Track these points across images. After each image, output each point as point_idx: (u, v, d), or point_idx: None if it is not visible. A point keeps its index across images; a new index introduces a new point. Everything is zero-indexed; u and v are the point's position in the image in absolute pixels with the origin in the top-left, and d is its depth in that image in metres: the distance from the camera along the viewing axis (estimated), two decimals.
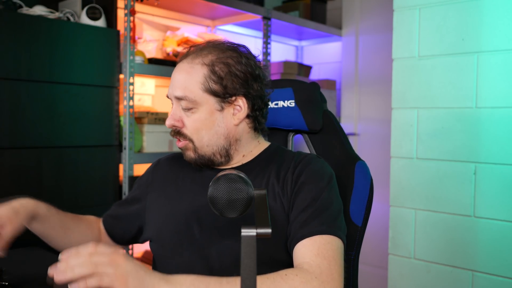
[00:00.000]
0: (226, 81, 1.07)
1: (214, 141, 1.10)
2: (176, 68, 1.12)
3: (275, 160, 1.13)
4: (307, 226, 0.98)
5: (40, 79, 1.87)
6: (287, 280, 0.87)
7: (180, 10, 2.76)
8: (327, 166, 1.11)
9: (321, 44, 3.65)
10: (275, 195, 1.07)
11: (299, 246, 0.97)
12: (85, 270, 0.77)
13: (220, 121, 1.09)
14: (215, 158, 1.11)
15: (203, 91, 1.07)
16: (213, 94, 1.07)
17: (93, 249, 0.81)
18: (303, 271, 0.90)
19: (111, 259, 0.80)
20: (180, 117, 1.10)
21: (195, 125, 1.09)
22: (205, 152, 1.10)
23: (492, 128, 1.72)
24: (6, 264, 1.14)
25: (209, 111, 1.08)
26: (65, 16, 2.04)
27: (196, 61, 1.09)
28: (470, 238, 1.77)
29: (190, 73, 1.08)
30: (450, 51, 1.82)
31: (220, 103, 1.08)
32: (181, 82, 1.08)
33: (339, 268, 0.94)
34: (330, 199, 1.04)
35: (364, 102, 3.32)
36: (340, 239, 0.99)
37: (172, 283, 0.82)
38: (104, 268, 0.78)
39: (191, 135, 1.09)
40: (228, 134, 1.11)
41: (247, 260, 0.59)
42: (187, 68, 1.09)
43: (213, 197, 0.81)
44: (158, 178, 1.24)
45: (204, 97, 1.07)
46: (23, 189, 1.82)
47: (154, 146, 2.29)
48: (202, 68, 1.08)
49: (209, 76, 1.07)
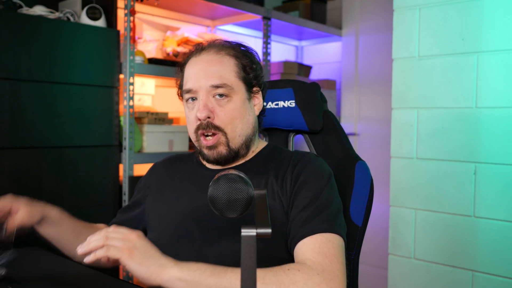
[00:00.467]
0: (251, 71, 1.13)
1: (245, 130, 1.12)
2: (198, 62, 1.12)
3: (273, 159, 1.14)
4: (308, 224, 0.98)
5: (40, 79, 1.87)
6: (289, 274, 0.87)
7: (180, 10, 2.76)
8: (325, 164, 1.11)
9: (321, 44, 3.65)
10: (274, 194, 1.07)
11: (300, 245, 0.97)
12: (97, 242, 0.87)
13: (249, 110, 1.14)
14: (241, 150, 1.13)
15: (237, 79, 1.10)
16: (245, 82, 1.12)
17: (112, 229, 0.91)
18: (305, 266, 0.90)
19: (124, 235, 0.89)
20: (213, 108, 1.09)
21: (231, 114, 1.09)
22: (236, 144, 1.11)
23: (492, 128, 1.72)
24: (6, 265, 1.14)
25: (242, 100, 1.11)
26: (65, 16, 2.04)
27: (222, 53, 1.12)
28: (470, 238, 1.77)
29: (222, 63, 1.10)
30: (450, 51, 1.82)
31: (248, 92, 1.13)
32: (215, 71, 1.09)
33: (341, 266, 0.94)
34: (330, 197, 1.04)
35: (364, 102, 3.32)
36: (341, 237, 0.99)
37: (179, 264, 0.87)
38: (114, 242, 0.87)
39: (224, 126, 1.09)
40: (254, 124, 1.15)
41: (247, 260, 0.59)
42: (217, 59, 1.11)
43: (213, 197, 0.81)
44: (154, 182, 1.25)
45: (239, 85, 1.11)
46: (23, 189, 1.82)
47: (154, 146, 2.29)
48: (231, 59, 1.11)
49: (238, 65, 1.11)
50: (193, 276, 0.86)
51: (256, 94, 1.16)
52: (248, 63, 1.13)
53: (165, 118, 2.36)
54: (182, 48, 2.59)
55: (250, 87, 1.13)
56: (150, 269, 0.86)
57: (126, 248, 0.86)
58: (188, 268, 0.86)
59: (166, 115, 2.37)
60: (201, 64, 1.11)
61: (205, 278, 0.86)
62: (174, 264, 0.87)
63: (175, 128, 2.39)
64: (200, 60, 1.11)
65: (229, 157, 1.11)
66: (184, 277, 0.85)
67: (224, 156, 1.11)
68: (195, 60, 1.12)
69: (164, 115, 2.36)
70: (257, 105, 1.17)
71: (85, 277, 1.10)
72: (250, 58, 1.14)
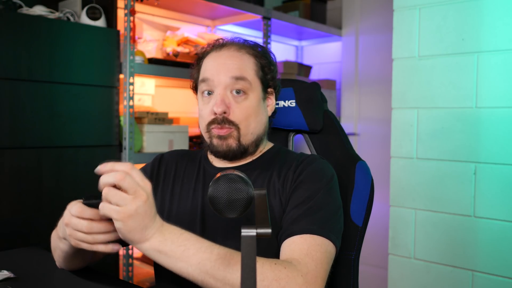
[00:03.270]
0: (269, 72, 1.14)
1: (258, 128, 1.12)
2: (220, 55, 1.11)
3: (277, 159, 1.14)
4: (298, 223, 0.98)
5: (40, 79, 1.87)
6: (275, 269, 0.86)
7: (180, 10, 2.76)
8: (329, 167, 1.11)
9: (321, 44, 3.65)
10: (275, 192, 1.07)
11: (289, 242, 0.96)
12: (109, 179, 0.82)
13: (263, 109, 1.15)
14: (250, 148, 1.13)
15: (256, 77, 1.11)
16: (262, 82, 1.13)
17: (130, 168, 0.83)
18: (291, 266, 0.89)
19: (134, 193, 0.81)
20: (229, 103, 1.09)
21: (246, 111, 1.09)
22: (247, 140, 1.11)
23: (492, 128, 1.72)
24: (6, 264, 1.14)
25: (258, 98, 1.12)
26: (65, 16, 2.04)
27: (243, 51, 1.13)
28: (470, 238, 1.77)
29: (242, 59, 1.11)
30: (450, 51, 1.82)
31: (264, 92, 1.14)
32: (237, 65, 1.10)
33: (324, 273, 0.93)
34: (326, 200, 1.03)
35: (364, 102, 3.32)
36: (332, 243, 0.97)
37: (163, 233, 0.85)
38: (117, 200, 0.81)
39: (239, 122, 1.09)
40: (266, 124, 1.16)
41: (247, 260, 0.59)
42: (237, 55, 1.11)
43: (213, 197, 0.81)
44: (162, 174, 1.22)
45: (256, 83, 1.12)
46: (23, 189, 1.82)
47: (154, 146, 2.29)
48: (250, 58, 1.12)
49: (257, 64, 1.12)
50: (175, 252, 0.85)
51: (270, 95, 1.17)
52: (266, 64, 1.14)
53: (165, 118, 2.36)
54: (182, 48, 2.59)
55: (266, 87, 1.14)
56: (135, 237, 0.83)
57: (124, 212, 0.81)
58: (172, 242, 0.85)
59: (166, 115, 2.37)
60: (222, 59, 1.11)
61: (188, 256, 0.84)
62: (158, 234, 0.84)
63: (175, 128, 2.39)
64: (221, 55, 1.12)
65: (238, 152, 1.11)
66: (164, 250, 0.84)
67: (233, 150, 1.10)
68: (216, 55, 1.13)
69: (164, 115, 2.36)
70: (270, 106, 1.18)
71: (85, 277, 1.10)
72: (268, 59, 1.15)
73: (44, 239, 1.18)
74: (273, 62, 1.17)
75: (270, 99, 1.17)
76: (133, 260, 2.29)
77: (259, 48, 1.16)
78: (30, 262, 1.21)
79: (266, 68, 1.14)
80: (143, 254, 2.80)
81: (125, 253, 2.19)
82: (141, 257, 2.60)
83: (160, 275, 1.15)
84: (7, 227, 1.78)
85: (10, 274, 1.04)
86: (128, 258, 2.19)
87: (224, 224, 1.07)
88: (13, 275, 1.04)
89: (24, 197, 1.83)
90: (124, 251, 2.19)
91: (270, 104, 1.18)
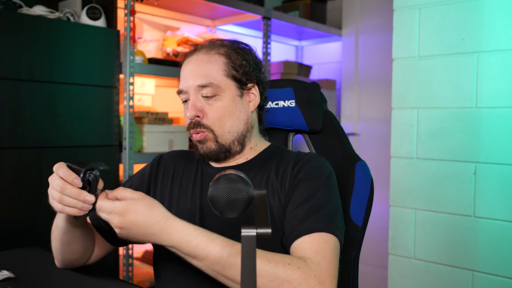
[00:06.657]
0: (243, 68, 1.13)
1: (235, 126, 1.13)
2: (189, 62, 1.14)
3: (275, 158, 1.14)
4: (305, 222, 0.98)
5: (40, 79, 1.87)
6: (287, 270, 0.87)
7: (180, 10, 2.76)
8: (327, 164, 1.11)
9: (321, 44, 3.65)
10: (273, 191, 1.07)
11: (298, 242, 0.97)
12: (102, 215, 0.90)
13: (240, 106, 1.14)
14: (233, 146, 1.13)
15: (226, 77, 1.11)
16: (235, 79, 1.12)
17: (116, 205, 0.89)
18: (306, 266, 0.90)
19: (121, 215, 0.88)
20: (201, 107, 1.11)
21: (219, 112, 1.10)
22: (226, 140, 1.12)
23: (492, 128, 1.72)
24: (6, 264, 1.14)
25: (231, 97, 1.12)
26: (65, 16, 2.04)
27: (212, 52, 1.13)
28: (470, 238, 1.77)
29: (210, 62, 1.11)
30: (450, 51, 1.82)
31: (240, 89, 1.14)
32: (202, 71, 1.11)
33: (335, 270, 0.95)
34: (328, 197, 1.04)
35: (364, 102, 3.32)
36: (338, 238, 0.99)
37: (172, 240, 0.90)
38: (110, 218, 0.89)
39: (212, 125, 1.11)
40: (247, 120, 1.15)
41: (247, 260, 0.59)
42: (205, 58, 1.12)
43: (213, 197, 0.81)
44: (161, 174, 1.23)
45: (227, 83, 1.11)
46: (23, 189, 1.82)
47: (154, 146, 2.29)
48: (220, 57, 1.12)
49: (228, 63, 1.12)
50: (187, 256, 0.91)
51: (251, 90, 1.16)
52: (238, 60, 1.13)
53: (165, 118, 2.36)
54: (182, 48, 2.59)
55: (241, 84, 1.14)
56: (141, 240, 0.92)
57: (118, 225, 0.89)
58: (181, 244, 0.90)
59: (166, 115, 2.37)
60: (190, 65, 1.13)
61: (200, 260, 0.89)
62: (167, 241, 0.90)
63: (175, 128, 2.39)
64: (190, 60, 1.14)
65: (220, 152, 1.12)
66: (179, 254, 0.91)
67: (215, 151, 1.12)
68: (186, 62, 1.15)
69: (164, 115, 2.36)
70: (253, 101, 1.16)
71: (85, 277, 1.10)
72: (241, 54, 1.14)
73: (44, 239, 1.18)
74: (247, 57, 1.15)
75: (252, 94, 1.16)
76: (133, 260, 2.29)
77: (235, 45, 1.16)
78: (30, 262, 1.21)
79: (238, 65, 1.13)
80: (143, 254, 2.80)
81: (125, 253, 2.19)
82: (141, 257, 2.60)
83: (159, 275, 1.15)
84: (7, 227, 1.78)
85: (10, 274, 1.04)
86: (128, 258, 2.19)
87: (223, 224, 1.07)
88: (13, 275, 1.04)
89: (24, 197, 1.83)
90: (124, 251, 2.19)
91: (252, 99, 1.16)
